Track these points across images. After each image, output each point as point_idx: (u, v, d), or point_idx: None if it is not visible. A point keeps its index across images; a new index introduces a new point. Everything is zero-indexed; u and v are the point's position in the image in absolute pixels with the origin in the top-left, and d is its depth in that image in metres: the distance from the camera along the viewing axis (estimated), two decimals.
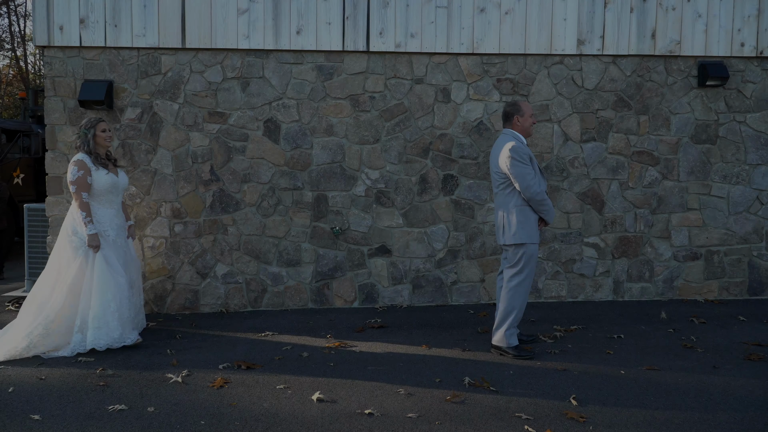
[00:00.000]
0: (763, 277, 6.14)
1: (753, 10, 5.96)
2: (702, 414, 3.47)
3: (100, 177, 4.78)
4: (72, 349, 4.57)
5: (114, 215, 4.88)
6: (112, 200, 4.88)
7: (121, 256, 4.85)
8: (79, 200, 4.69)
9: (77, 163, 4.73)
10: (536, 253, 4.45)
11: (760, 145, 6.08)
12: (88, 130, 4.82)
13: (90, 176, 4.74)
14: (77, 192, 4.70)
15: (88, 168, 4.74)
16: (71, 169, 4.72)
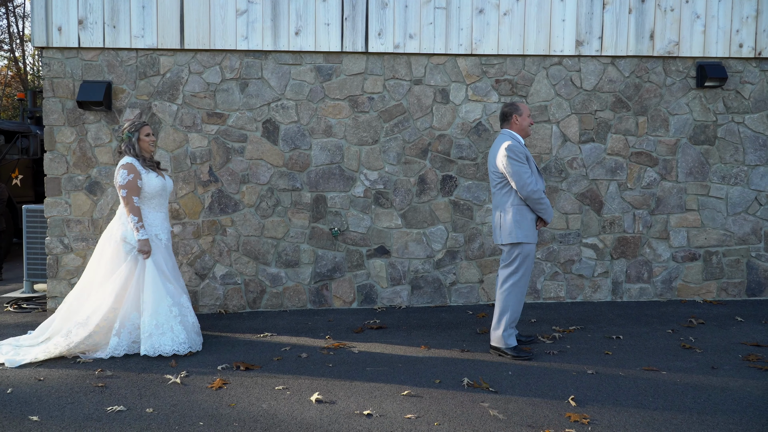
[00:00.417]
0: (761, 277, 6.14)
1: (751, 11, 5.96)
2: (700, 414, 3.47)
3: (151, 180, 4.67)
4: (108, 353, 4.48)
5: (164, 219, 4.80)
6: (162, 204, 4.79)
7: (170, 261, 4.78)
8: (130, 204, 4.57)
9: (126, 166, 4.61)
10: (533, 253, 4.45)
11: (759, 146, 6.09)
12: (132, 133, 4.69)
13: (140, 180, 4.62)
14: (128, 196, 4.57)
15: (138, 171, 4.63)
16: (120, 173, 4.59)
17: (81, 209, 5.68)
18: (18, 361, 4.36)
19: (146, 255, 4.58)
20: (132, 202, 4.58)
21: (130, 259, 4.60)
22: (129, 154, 4.70)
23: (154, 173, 4.73)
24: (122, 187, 4.58)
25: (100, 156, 5.67)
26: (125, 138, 4.71)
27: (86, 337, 4.48)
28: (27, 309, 6.03)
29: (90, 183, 5.68)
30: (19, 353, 4.49)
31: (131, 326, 4.56)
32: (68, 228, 5.68)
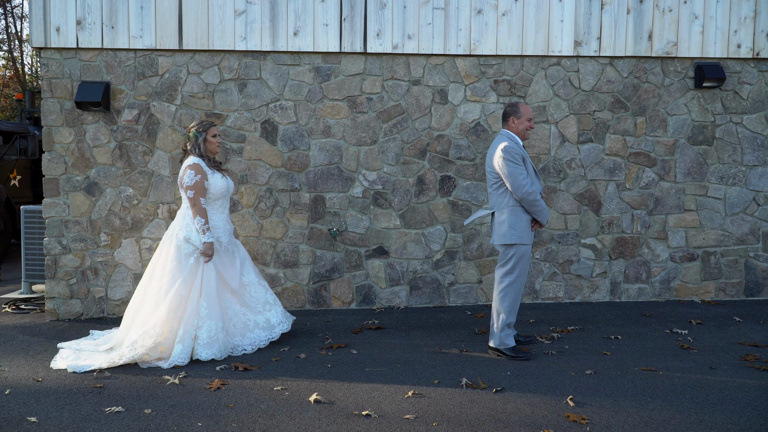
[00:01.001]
0: (759, 277, 6.15)
1: (749, 12, 5.97)
2: (699, 414, 3.48)
3: (217, 181, 4.61)
4: (171, 362, 4.34)
5: (226, 220, 4.74)
6: (225, 205, 4.74)
7: (228, 263, 4.68)
8: (198, 206, 4.50)
9: (194, 167, 4.53)
10: (528, 253, 4.45)
11: (757, 146, 6.10)
12: (199, 133, 4.64)
13: (207, 180, 4.56)
14: (195, 197, 4.50)
15: (205, 172, 4.56)
16: (188, 173, 4.51)
17: (79, 210, 5.68)
18: (82, 367, 4.27)
19: (208, 258, 4.51)
20: (199, 203, 4.51)
21: (192, 261, 4.50)
22: (194, 154, 4.63)
23: (219, 174, 4.68)
24: (189, 188, 4.50)
25: (98, 156, 5.67)
26: (192, 137, 4.64)
27: (151, 347, 4.36)
28: (25, 310, 6.02)
29: (88, 183, 5.67)
30: (80, 357, 4.42)
31: (193, 332, 4.45)
32: (67, 229, 5.67)
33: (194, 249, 4.52)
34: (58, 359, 4.43)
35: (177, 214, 4.70)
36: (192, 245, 4.52)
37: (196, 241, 4.52)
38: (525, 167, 4.37)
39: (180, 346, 4.38)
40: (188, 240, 4.52)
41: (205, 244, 4.48)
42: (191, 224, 4.55)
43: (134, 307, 4.61)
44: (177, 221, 4.63)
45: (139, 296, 4.63)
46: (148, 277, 4.63)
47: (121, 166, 5.68)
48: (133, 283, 5.71)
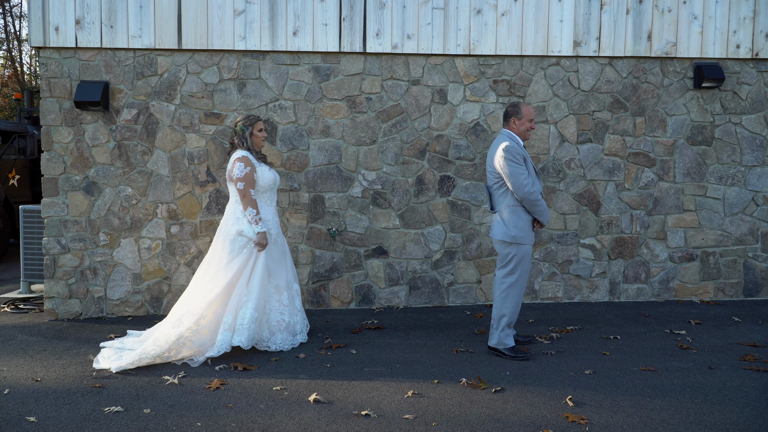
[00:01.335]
0: (758, 278, 6.16)
1: (749, 12, 5.98)
2: (698, 414, 3.48)
3: (265, 173, 4.67)
4: (218, 349, 4.39)
5: (274, 213, 4.79)
6: (272, 198, 4.78)
7: (279, 254, 4.74)
8: (248, 197, 4.55)
9: (243, 159, 4.59)
10: (529, 253, 4.45)
11: (756, 147, 6.10)
12: (246, 127, 4.69)
13: (256, 172, 4.62)
14: (245, 189, 4.55)
15: (254, 165, 4.61)
16: (237, 166, 4.55)
17: (78, 209, 5.67)
18: (125, 365, 4.26)
19: (262, 248, 4.54)
20: (249, 194, 4.56)
21: (245, 252, 4.54)
22: (241, 147, 4.67)
23: (266, 166, 4.72)
24: (240, 180, 4.54)
25: (97, 156, 5.66)
26: (239, 131, 4.69)
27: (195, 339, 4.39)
28: (24, 309, 6.02)
29: (87, 183, 5.67)
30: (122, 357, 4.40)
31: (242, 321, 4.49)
32: (65, 228, 5.67)
33: (247, 241, 4.56)
34: (100, 359, 4.41)
35: (226, 210, 4.74)
36: (245, 237, 4.56)
37: (249, 233, 4.56)
38: (526, 167, 4.37)
39: (228, 333, 4.43)
40: (241, 233, 4.57)
41: (259, 234, 4.53)
42: (242, 217, 4.59)
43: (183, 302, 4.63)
44: (228, 216, 4.67)
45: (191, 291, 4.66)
46: (201, 275, 4.65)
47: (120, 166, 5.68)
48: (132, 283, 5.71)
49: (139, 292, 5.74)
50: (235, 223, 4.60)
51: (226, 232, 4.62)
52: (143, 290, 5.74)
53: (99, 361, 4.39)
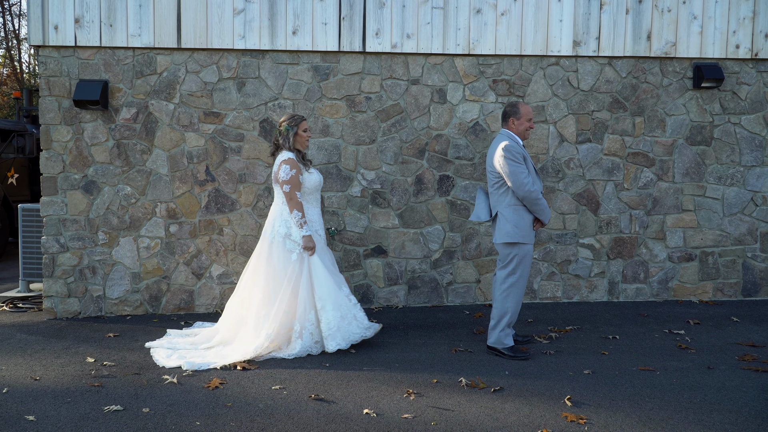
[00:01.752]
0: (757, 278, 6.16)
1: (748, 12, 5.98)
2: (696, 414, 3.48)
3: (310, 175, 4.64)
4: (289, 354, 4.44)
5: (319, 214, 4.76)
6: (317, 199, 4.75)
7: (329, 256, 4.73)
8: (294, 199, 4.51)
9: (289, 161, 4.52)
10: (530, 253, 4.45)
11: (755, 147, 6.11)
12: (291, 127, 4.62)
13: (302, 175, 4.58)
14: (291, 191, 4.50)
15: (299, 167, 4.57)
16: (283, 168, 4.50)
17: (77, 208, 5.67)
18: (199, 365, 4.27)
19: (311, 252, 4.52)
20: (296, 197, 4.52)
21: (295, 258, 4.52)
22: (285, 148, 4.62)
23: (311, 168, 4.70)
24: (285, 183, 4.50)
25: (96, 155, 5.66)
26: (283, 131, 4.63)
27: (268, 345, 4.41)
28: (23, 308, 6.01)
29: (86, 182, 5.66)
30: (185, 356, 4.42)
31: (311, 327, 4.50)
32: (64, 227, 5.66)
33: (296, 245, 4.54)
34: (158, 358, 4.43)
35: (271, 212, 4.72)
36: (293, 241, 4.55)
37: (297, 237, 4.54)
38: (526, 166, 4.37)
39: (300, 342, 4.46)
40: (289, 236, 4.55)
41: (304, 237, 4.50)
42: (289, 219, 4.57)
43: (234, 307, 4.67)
44: (274, 218, 4.64)
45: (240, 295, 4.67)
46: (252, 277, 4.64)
47: (119, 165, 5.67)
48: (131, 282, 5.70)
49: (138, 291, 5.74)
50: (282, 225, 4.58)
51: (274, 233, 4.59)
52: (142, 289, 5.74)
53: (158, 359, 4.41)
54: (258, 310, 4.53)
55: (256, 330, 4.49)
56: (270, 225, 4.66)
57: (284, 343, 4.53)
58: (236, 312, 4.69)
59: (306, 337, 4.48)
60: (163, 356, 4.46)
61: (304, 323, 4.49)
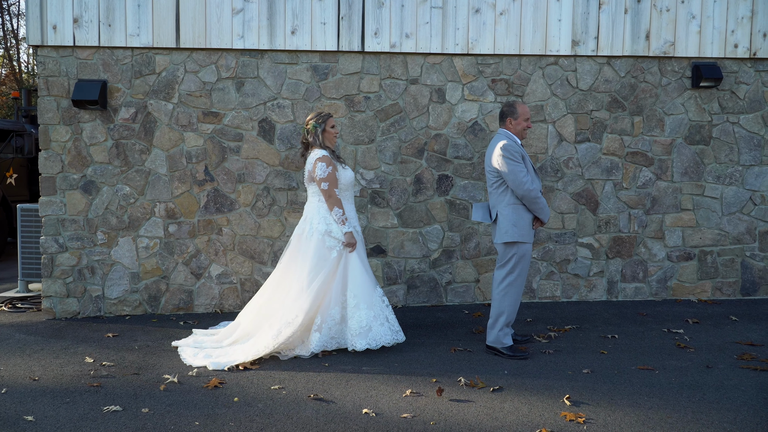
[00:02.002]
0: (755, 277, 6.17)
1: (747, 12, 5.98)
2: (695, 413, 3.49)
3: (345, 172, 4.62)
4: (308, 348, 4.43)
5: (355, 211, 4.74)
6: (352, 195, 4.73)
7: (365, 253, 4.72)
8: (333, 197, 4.50)
9: (324, 159, 4.51)
10: (529, 252, 4.45)
11: (753, 146, 6.11)
12: (318, 124, 4.60)
13: (337, 171, 4.56)
14: (330, 188, 4.49)
15: (334, 163, 4.55)
16: (319, 166, 4.48)
17: (76, 208, 5.66)
18: (224, 364, 4.25)
19: (352, 248, 4.51)
20: (335, 194, 4.50)
21: (335, 255, 4.50)
22: (316, 146, 4.61)
23: (344, 164, 4.68)
24: (323, 180, 4.48)
25: (95, 155, 5.65)
26: (311, 129, 4.61)
27: (290, 336, 4.39)
28: (22, 308, 6.01)
29: (85, 182, 5.66)
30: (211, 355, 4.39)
31: (331, 321, 4.47)
32: (63, 227, 5.66)
33: (336, 242, 4.52)
34: (185, 357, 4.42)
35: (307, 210, 4.68)
36: (334, 238, 4.52)
37: (338, 234, 4.52)
38: (525, 165, 4.37)
39: (317, 335, 4.43)
40: (329, 233, 4.52)
41: (347, 234, 4.49)
42: (328, 217, 4.55)
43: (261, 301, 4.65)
44: (310, 216, 4.61)
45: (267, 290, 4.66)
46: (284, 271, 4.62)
47: (117, 165, 5.67)
48: (130, 282, 5.70)
49: (137, 291, 5.73)
50: (321, 222, 4.55)
51: (311, 231, 4.55)
52: (141, 289, 5.74)
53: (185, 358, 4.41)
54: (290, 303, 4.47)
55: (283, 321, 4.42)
56: (306, 223, 4.62)
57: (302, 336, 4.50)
58: (260, 306, 4.64)
59: (324, 331, 4.45)
60: (190, 355, 4.44)
61: (325, 317, 4.46)
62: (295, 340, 4.47)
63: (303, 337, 4.51)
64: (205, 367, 4.27)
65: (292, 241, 4.72)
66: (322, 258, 4.51)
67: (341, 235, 4.52)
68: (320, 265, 4.50)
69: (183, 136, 5.71)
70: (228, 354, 4.43)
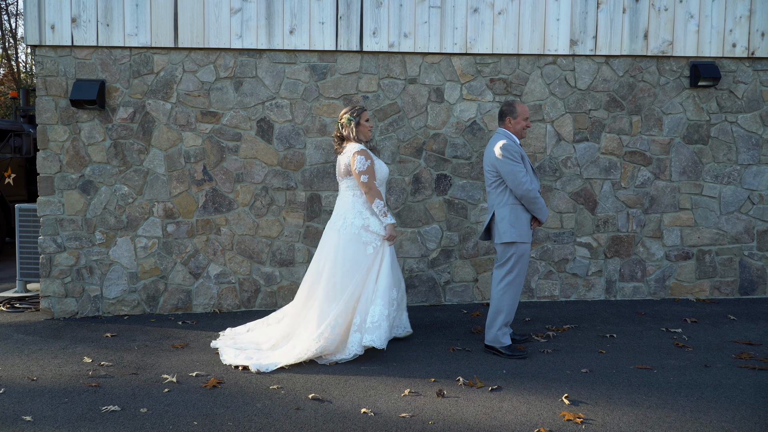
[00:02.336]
0: (753, 276, 6.17)
1: (745, 11, 5.99)
2: (693, 412, 3.49)
3: (381, 166, 4.56)
4: (350, 351, 4.30)
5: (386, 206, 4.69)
6: (386, 190, 4.67)
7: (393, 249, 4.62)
8: (374, 189, 4.41)
9: (362, 152, 4.43)
10: (527, 252, 4.45)
11: (752, 146, 6.12)
12: (353, 118, 4.53)
13: (375, 164, 4.48)
14: (370, 181, 4.40)
15: (372, 157, 4.49)
16: (358, 159, 4.39)
17: (74, 208, 5.66)
18: (267, 366, 4.19)
19: (393, 241, 4.47)
20: (374, 186, 4.43)
21: (371, 251, 4.42)
22: (352, 140, 4.55)
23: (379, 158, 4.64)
24: (363, 173, 4.39)
25: (93, 155, 5.65)
26: (346, 123, 4.55)
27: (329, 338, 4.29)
28: (20, 308, 6.00)
29: (83, 182, 5.65)
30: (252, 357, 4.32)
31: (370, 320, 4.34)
32: (61, 227, 5.65)
33: (374, 237, 4.45)
34: (226, 357, 4.38)
35: (340, 205, 4.61)
36: (371, 233, 4.45)
37: (376, 228, 4.45)
38: (524, 165, 4.37)
39: (358, 335, 4.31)
40: (366, 228, 4.45)
41: (389, 225, 4.44)
42: (365, 211, 4.49)
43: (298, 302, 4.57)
44: (344, 211, 4.53)
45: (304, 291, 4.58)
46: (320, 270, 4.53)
47: (116, 165, 5.66)
48: (129, 282, 5.70)
49: (136, 291, 5.73)
50: (357, 217, 4.47)
51: (345, 225, 4.47)
52: (139, 289, 5.73)
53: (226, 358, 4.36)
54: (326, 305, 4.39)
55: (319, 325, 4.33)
56: (340, 218, 4.53)
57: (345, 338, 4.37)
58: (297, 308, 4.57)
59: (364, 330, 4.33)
60: (231, 356, 4.37)
61: (364, 317, 4.36)
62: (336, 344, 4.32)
63: (343, 340, 4.36)
64: (247, 368, 4.20)
65: (325, 237, 4.61)
66: (357, 254, 4.42)
67: (380, 228, 4.45)
68: (356, 261, 4.41)
69: (181, 135, 5.71)
70: (269, 357, 4.33)
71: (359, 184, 4.46)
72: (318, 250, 4.66)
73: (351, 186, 4.55)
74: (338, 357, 4.34)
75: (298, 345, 4.35)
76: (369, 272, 4.42)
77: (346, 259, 4.42)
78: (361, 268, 4.40)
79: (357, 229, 4.44)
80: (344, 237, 4.45)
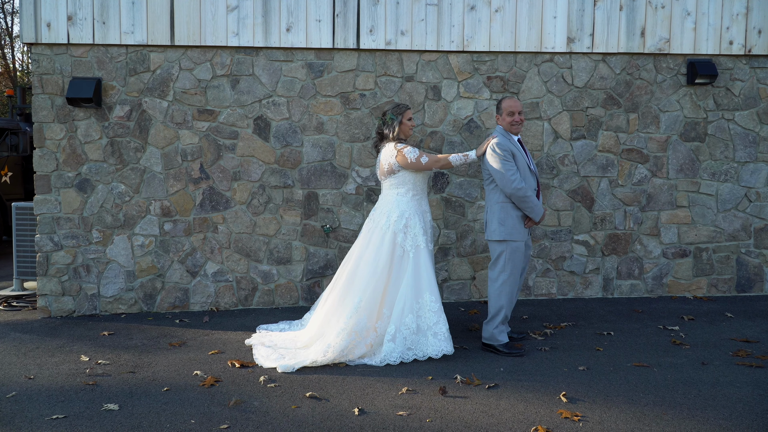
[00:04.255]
0: (750, 274, 6.18)
1: (742, 9, 5.99)
2: (690, 410, 3.50)
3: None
4: (382, 359, 4.22)
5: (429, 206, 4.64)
6: (426, 191, 4.63)
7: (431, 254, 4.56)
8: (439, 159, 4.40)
9: (407, 146, 4.44)
10: (520, 249, 4.44)
11: (749, 143, 6.12)
12: (395, 116, 4.52)
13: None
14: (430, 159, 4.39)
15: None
16: (407, 151, 4.38)
17: (71, 206, 5.64)
18: (293, 366, 4.15)
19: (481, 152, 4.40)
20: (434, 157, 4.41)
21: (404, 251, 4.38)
22: (390, 139, 4.52)
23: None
24: (420, 157, 4.38)
25: (90, 153, 5.63)
26: (388, 120, 4.53)
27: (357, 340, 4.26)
28: (17, 307, 5.99)
29: (80, 180, 5.64)
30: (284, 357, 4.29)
31: (406, 331, 4.28)
32: (58, 226, 5.64)
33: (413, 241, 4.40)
34: (258, 356, 4.35)
35: (383, 204, 4.56)
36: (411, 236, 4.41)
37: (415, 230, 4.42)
38: (516, 163, 4.36)
39: (392, 345, 4.24)
40: (405, 230, 4.41)
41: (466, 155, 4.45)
42: (407, 211, 4.45)
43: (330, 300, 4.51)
44: (389, 210, 4.48)
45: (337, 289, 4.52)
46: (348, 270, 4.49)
47: (112, 163, 5.65)
48: (126, 280, 5.69)
49: (133, 290, 5.72)
50: (400, 218, 4.42)
51: (388, 225, 4.42)
52: (137, 287, 5.72)
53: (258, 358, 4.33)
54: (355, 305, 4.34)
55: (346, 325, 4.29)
56: (383, 216, 4.48)
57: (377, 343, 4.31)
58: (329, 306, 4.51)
59: (399, 341, 4.25)
60: (264, 355, 4.34)
61: (399, 326, 4.26)
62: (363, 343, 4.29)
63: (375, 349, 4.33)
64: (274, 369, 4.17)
65: (364, 233, 4.57)
66: (395, 257, 4.39)
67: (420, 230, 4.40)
68: (390, 262, 4.37)
69: (178, 134, 5.70)
70: (297, 356, 4.30)
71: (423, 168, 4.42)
72: (355, 245, 4.58)
73: (395, 184, 4.50)
74: (366, 360, 4.28)
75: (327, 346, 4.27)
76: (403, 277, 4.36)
77: (382, 262, 4.38)
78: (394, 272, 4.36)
79: (397, 230, 4.42)
80: (383, 237, 4.42)
